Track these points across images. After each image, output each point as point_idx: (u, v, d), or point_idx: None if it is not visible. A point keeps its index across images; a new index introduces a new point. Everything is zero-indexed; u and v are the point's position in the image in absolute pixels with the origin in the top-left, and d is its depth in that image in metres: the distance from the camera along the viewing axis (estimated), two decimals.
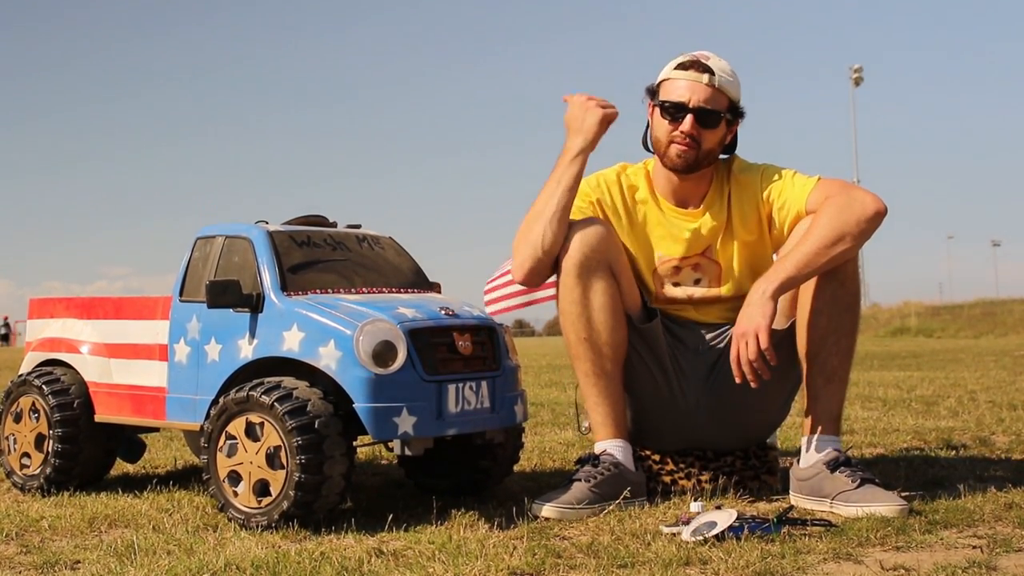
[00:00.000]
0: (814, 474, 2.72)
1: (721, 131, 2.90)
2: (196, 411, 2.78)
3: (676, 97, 2.87)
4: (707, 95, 2.85)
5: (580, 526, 2.52)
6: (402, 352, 2.55)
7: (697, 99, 2.85)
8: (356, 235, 3.04)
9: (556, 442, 4.29)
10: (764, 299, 2.67)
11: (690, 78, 2.86)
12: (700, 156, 2.88)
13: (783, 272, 2.71)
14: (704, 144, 2.87)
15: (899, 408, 5.60)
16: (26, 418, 3.19)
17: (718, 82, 2.85)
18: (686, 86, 2.86)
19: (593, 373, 2.83)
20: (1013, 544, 2.19)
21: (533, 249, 2.81)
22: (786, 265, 2.73)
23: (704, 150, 2.88)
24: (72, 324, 3.26)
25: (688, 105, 2.85)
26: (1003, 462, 3.51)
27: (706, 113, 2.85)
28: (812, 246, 2.71)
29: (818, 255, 2.70)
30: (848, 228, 2.70)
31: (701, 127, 2.85)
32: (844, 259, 2.73)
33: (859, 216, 2.71)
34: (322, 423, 2.49)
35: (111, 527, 2.64)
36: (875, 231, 2.74)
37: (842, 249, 2.71)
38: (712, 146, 2.89)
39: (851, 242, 2.71)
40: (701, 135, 2.86)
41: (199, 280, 2.84)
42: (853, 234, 2.70)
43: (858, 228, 2.71)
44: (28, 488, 3.16)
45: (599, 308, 2.80)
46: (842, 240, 2.70)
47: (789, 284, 2.73)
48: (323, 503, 2.51)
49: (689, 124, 2.85)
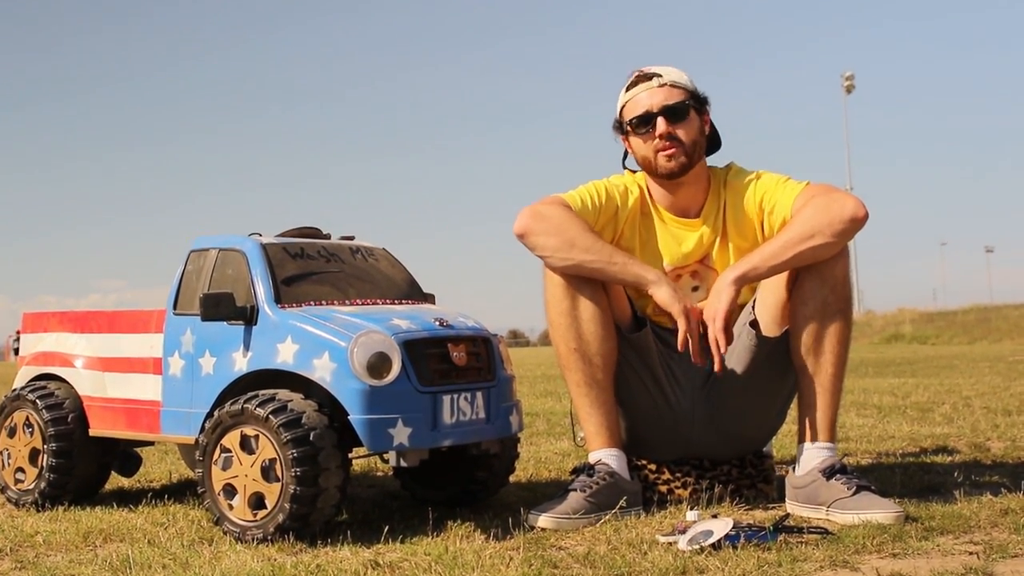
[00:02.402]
0: (810, 482, 2.72)
1: (694, 121, 2.93)
2: (191, 424, 2.77)
3: (639, 110, 2.92)
4: (664, 94, 2.91)
5: (576, 536, 2.52)
6: (397, 363, 2.55)
7: (658, 101, 2.90)
8: (350, 247, 3.04)
9: (552, 452, 4.28)
10: (724, 285, 2.75)
11: (643, 89, 2.93)
12: (688, 151, 2.90)
13: (747, 263, 2.76)
14: (685, 138, 2.89)
15: (894, 415, 5.61)
16: (20, 433, 3.18)
17: (668, 80, 2.92)
18: (644, 97, 2.92)
19: (584, 383, 2.83)
20: (1009, 550, 2.20)
21: (557, 245, 2.78)
22: (752, 256, 2.77)
23: (688, 143, 2.90)
24: (66, 338, 3.25)
25: (653, 111, 2.89)
26: (998, 468, 3.51)
27: (671, 109, 2.89)
28: (781, 240, 2.74)
29: (785, 249, 2.72)
30: (821, 227, 2.71)
31: (674, 123, 2.89)
32: (816, 258, 2.73)
33: (835, 216, 2.71)
34: (317, 435, 2.49)
35: (106, 541, 2.63)
36: (853, 234, 2.74)
37: (812, 246, 2.71)
38: (694, 137, 2.92)
39: (823, 240, 2.71)
40: (677, 130, 2.89)
41: (193, 293, 2.84)
42: (826, 233, 2.71)
43: (831, 228, 2.71)
44: (23, 503, 3.15)
45: (588, 319, 2.81)
46: (813, 238, 2.71)
47: (752, 274, 2.76)
48: (319, 515, 2.51)
49: (663, 125, 2.88)
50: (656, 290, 2.80)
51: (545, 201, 2.88)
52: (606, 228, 2.94)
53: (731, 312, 2.74)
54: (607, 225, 2.94)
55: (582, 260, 2.78)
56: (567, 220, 2.81)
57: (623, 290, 2.91)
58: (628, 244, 2.96)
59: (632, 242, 2.97)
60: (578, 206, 2.87)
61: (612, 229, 2.95)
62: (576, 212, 2.85)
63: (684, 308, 2.76)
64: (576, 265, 2.79)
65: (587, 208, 2.89)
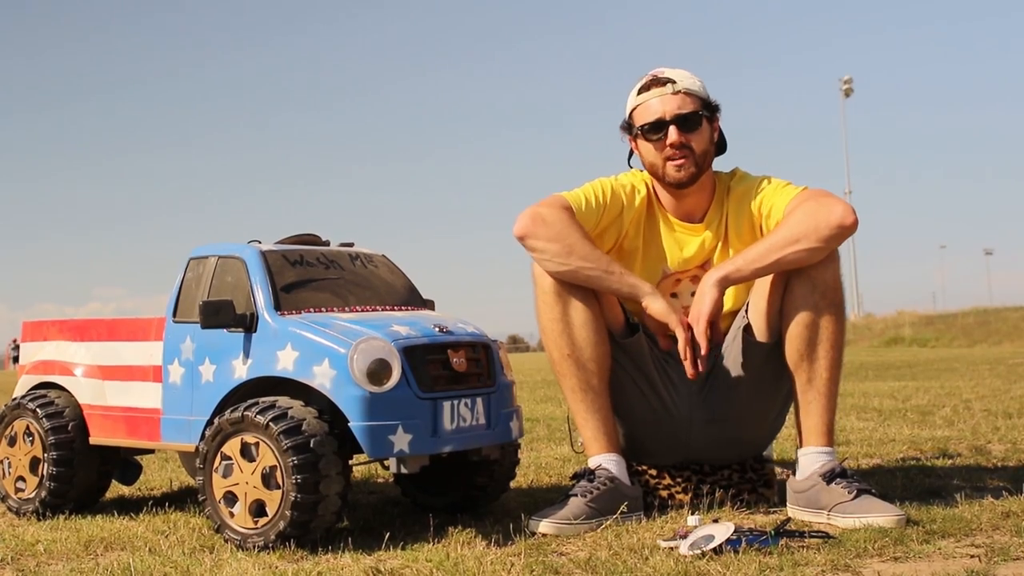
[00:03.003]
0: (810, 486, 2.72)
1: (705, 130, 2.92)
2: (191, 432, 2.77)
3: (651, 117, 2.89)
4: (679, 102, 2.88)
5: (577, 542, 2.52)
6: (396, 370, 2.55)
7: (671, 109, 2.88)
8: (349, 253, 3.04)
9: (552, 458, 4.28)
10: (707, 287, 2.76)
11: (656, 95, 2.90)
12: (697, 161, 2.89)
13: (732, 264, 2.77)
14: (696, 148, 2.89)
15: (895, 418, 5.61)
16: (20, 441, 3.18)
17: (682, 87, 2.89)
18: (657, 103, 2.89)
19: (579, 389, 2.83)
20: (1011, 552, 2.20)
21: (556, 251, 2.77)
22: (736, 258, 2.78)
23: (698, 153, 2.89)
24: (66, 347, 3.25)
25: (666, 119, 2.87)
26: (999, 470, 3.51)
27: (685, 118, 2.88)
28: (766, 243, 2.75)
29: (770, 252, 2.72)
30: (807, 232, 2.70)
31: (686, 133, 2.88)
32: (801, 262, 2.72)
33: (822, 222, 2.70)
34: (317, 442, 2.49)
35: (107, 550, 2.63)
36: (840, 240, 2.73)
37: (796, 250, 2.71)
38: (704, 147, 2.91)
39: (808, 245, 2.70)
40: (689, 140, 2.88)
41: (192, 301, 2.84)
42: (811, 238, 2.70)
43: (817, 233, 2.70)
44: (23, 512, 3.15)
45: (580, 325, 2.81)
46: (798, 242, 2.70)
47: (736, 275, 2.77)
48: (320, 523, 2.51)
49: (675, 135, 2.87)
50: (651, 302, 2.80)
51: (547, 203, 2.86)
52: (610, 228, 2.93)
53: (714, 314, 2.75)
54: (611, 225, 2.94)
55: (579, 267, 2.78)
56: (567, 226, 2.81)
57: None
58: (632, 245, 2.96)
59: (636, 242, 2.96)
60: (581, 207, 2.87)
61: (616, 229, 2.95)
62: (578, 215, 2.84)
63: (680, 319, 2.77)
64: (573, 272, 2.79)
65: (590, 208, 2.88)
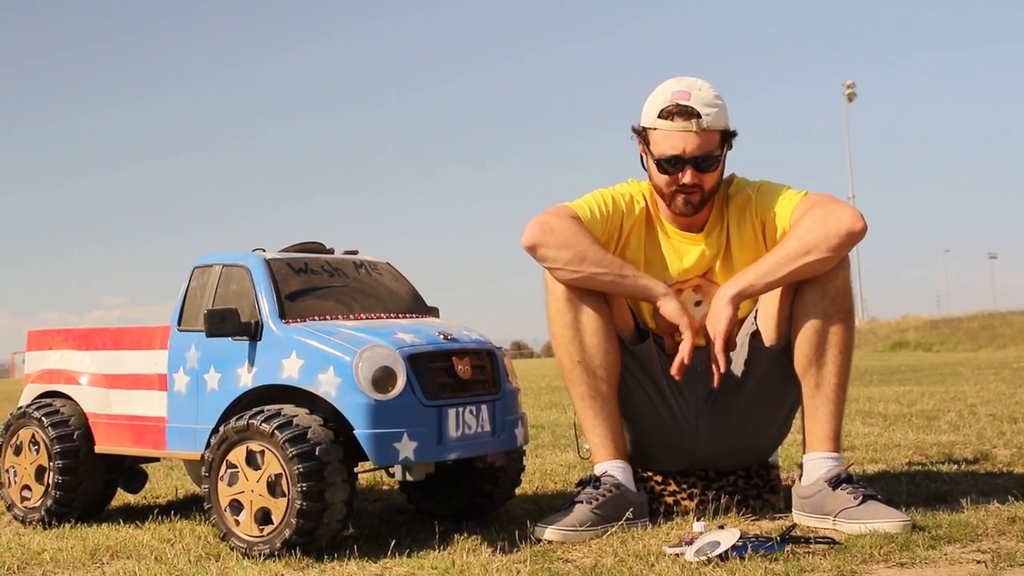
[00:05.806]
0: (816, 492, 2.72)
1: (720, 166, 2.90)
2: (196, 440, 2.77)
3: (670, 151, 2.83)
4: (700, 141, 2.81)
5: (583, 548, 2.52)
6: (401, 377, 2.55)
7: (691, 149, 2.81)
8: (353, 261, 3.04)
9: (557, 464, 4.28)
10: (721, 304, 2.76)
11: (679, 128, 2.81)
12: (706, 197, 2.89)
13: (744, 279, 2.76)
14: (707, 186, 2.88)
15: (900, 423, 5.60)
16: (26, 450, 3.18)
17: (707, 123, 2.81)
18: (678, 138, 2.81)
19: (588, 395, 2.83)
20: (1017, 558, 2.19)
21: (568, 259, 2.77)
22: (748, 272, 2.77)
23: (708, 191, 2.89)
24: (71, 355, 3.26)
25: (684, 157, 2.82)
26: (1005, 475, 3.50)
27: (703, 160, 2.83)
28: (778, 256, 2.74)
29: (781, 265, 2.72)
30: (817, 241, 2.70)
31: (702, 174, 2.85)
32: (813, 272, 2.73)
33: (831, 230, 2.70)
34: (323, 450, 2.49)
35: (113, 558, 2.63)
36: (850, 247, 2.72)
37: (808, 261, 2.71)
38: (714, 184, 2.90)
39: (819, 255, 2.70)
40: (703, 180, 2.86)
41: (197, 309, 2.85)
42: (822, 248, 2.70)
43: (827, 243, 2.70)
44: (29, 521, 3.15)
45: (591, 331, 2.81)
46: (809, 253, 2.70)
47: (750, 291, 2.77)
48: (325, 530, 2.51)
49: (690, 176, 2.84)
50: (664, 303, 2.79)
51: (553, 212, 2.85)
52: (612, 237, 2.93)
53: (731, 330, 2.76)
54: (613, 234, 2.93)
55: (593, 273, 2.78)
56: (577, 233, 2.80)
57: (625, 302, 2.91)
58: (633, 254, 2.96)
59: (637, 252, 2.96)
60: (587, 216, 2.86)
61: (617, 238, 2.95)
62: (585, 223, 2.85)
63: (691, 321, 2.77)
64: (587, 278, 2.79)
65: (595, 217, 2.88)
